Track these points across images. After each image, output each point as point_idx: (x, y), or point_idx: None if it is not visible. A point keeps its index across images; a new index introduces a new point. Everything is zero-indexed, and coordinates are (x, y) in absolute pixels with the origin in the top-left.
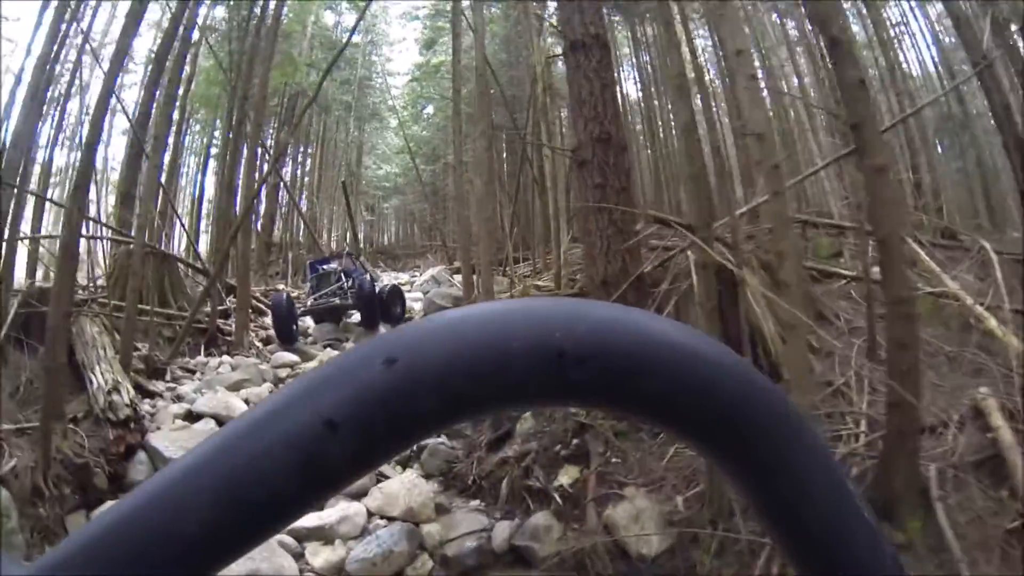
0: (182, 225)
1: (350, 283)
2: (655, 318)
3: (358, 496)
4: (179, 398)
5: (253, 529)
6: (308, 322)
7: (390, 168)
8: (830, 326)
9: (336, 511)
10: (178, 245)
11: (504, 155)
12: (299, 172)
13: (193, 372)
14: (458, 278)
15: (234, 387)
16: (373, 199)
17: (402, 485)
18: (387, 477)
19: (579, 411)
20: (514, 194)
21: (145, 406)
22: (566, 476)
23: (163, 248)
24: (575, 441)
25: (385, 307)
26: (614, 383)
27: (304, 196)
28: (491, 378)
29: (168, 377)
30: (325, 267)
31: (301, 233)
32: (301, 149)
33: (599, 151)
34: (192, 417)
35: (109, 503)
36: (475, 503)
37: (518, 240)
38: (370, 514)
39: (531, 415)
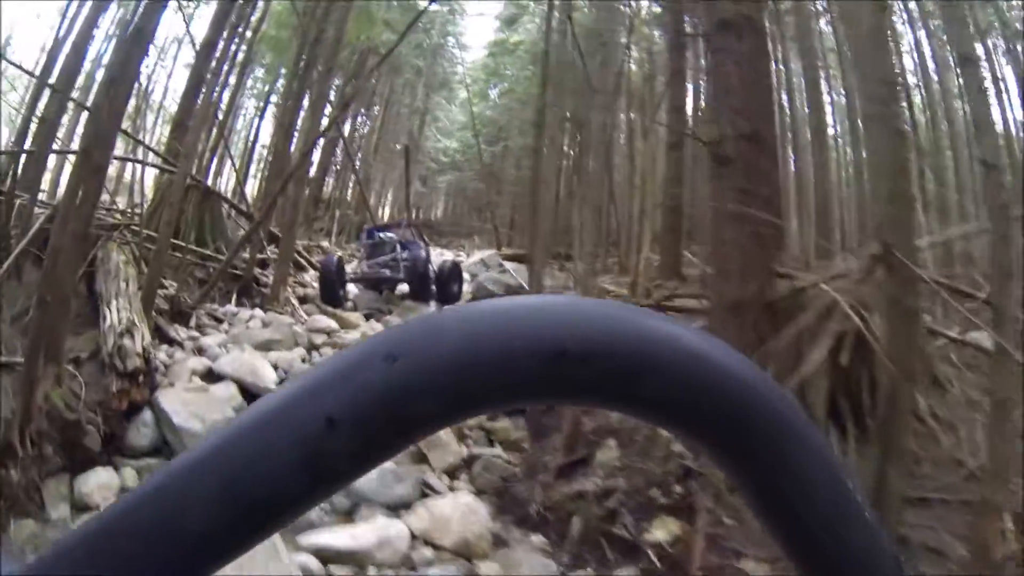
0: (232, 164)
1: (405, 255)
2: (658, 317)
3: (397, 508)
4: (200, 351)
5: (254, 527)
6: (351, 288)
7: (449, 143)
8: (945, 393)
9: (372, 530)
10: (225, 186)
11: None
12: (358, 132)
13: (220, 321)
14: (510, 265)
15: (263, 347)
16: (428, 171)
17: (455, 507)
18: (435, 491)
19: (684, 452)
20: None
21: (161, 354)
22: (663, 530)
23: (208, 184)
24: (677, 488)
25: (442, 284)
26: (617, 382)
27: (359, 156)
28: (493, 376)
29: (193, 323)
30: (382, 235)
31: (350, 194)
32: (363, 110)
33: (745, 150)
34: (212, 377)
35: (98, 470)
36: (537, 538)
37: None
38: (413, 536)
39: (617, 444)
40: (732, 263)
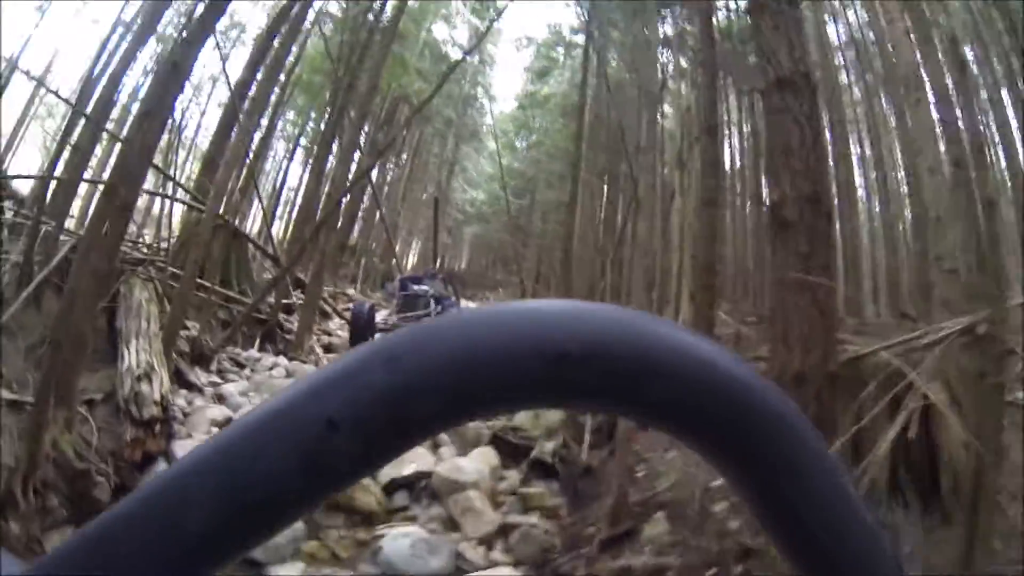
0: (260, 205)
1: (439, 310)
2: (658, 320)
3: None
4: (221, 398)
5: (255, 528)
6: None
7: (477, 194)
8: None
9: None
10: (252, 227)
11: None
12: (386, 179)
13: (243, 367)
14: None
15: None
16: (454, 222)
17: None
18: (472, 564)
19: (742, 529)
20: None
21: (180, 400)
22: None
23: (236, 226)
24: (737, 568)
25: None
26: (617, 385)
27: (387, 204)
28: (493, 379)
29: (214, 367)
30: (416, 288)
31: (373, 242)
32: (392, 158)
33: (807, 212)
34: None
35: None
36: None
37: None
38: None
39: (667, 518)
40: (794, 332)
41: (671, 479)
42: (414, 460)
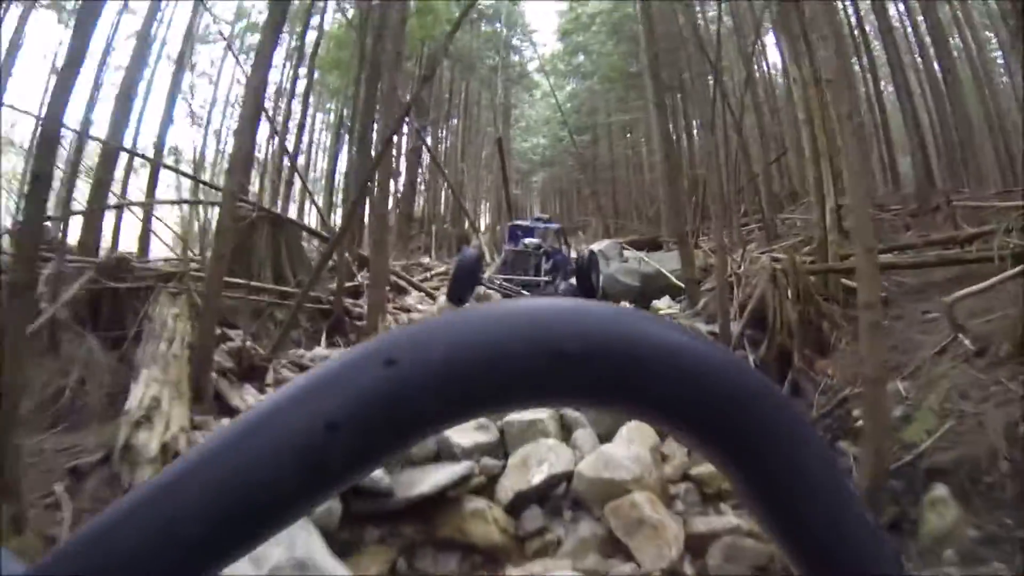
0: (308, 193)
1: (549, 267)
2: (656, 319)
3: None
4: None
5: (253, 530)
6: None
7: (536, 140)
8: None
9: None
10: (309, 218)
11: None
12: (444, 146)
13: (306, 370)
14: (633, 253)
15: None
16: (519, 173)
17: None
18: None
19: None
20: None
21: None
22: None
23: (279, 214)
24: None
25: (582, 277)
26: (616, 383)
27: (447, 167)
28: (492, 378)
29: (270, 378)
30: (527, 242)
31: (442, 207)
32: (444, 123)
33: None
34: None
35: None
36: None
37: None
38: None
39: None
40: None
41: (940, 421)
42: (543, 459)
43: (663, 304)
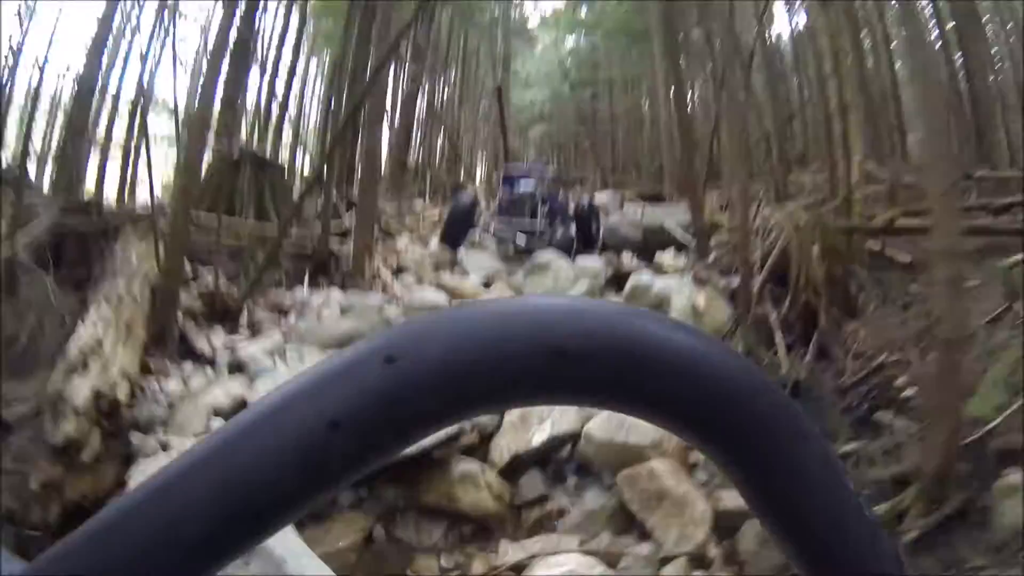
0: (300, 137)
1: (545, 211)
2: (655, 317)
3: None
4: (239, 367)
5: (253, 528)
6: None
7: (533, 95)
8: None
9: None
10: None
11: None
12: (442, 99)
13: (286, 313)
14: (634, 207)
15: (339, 343)
16: (516, 126)
17: None
18: None
19: None
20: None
21: (172, 384)
22: None
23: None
24: None
25: (581, 225)
26: (615, 381)
27: (443, 113)
28: (492, 376)
29: (244, 320)
30: (522, 187)
31: (438, 157)
32: (441, 72)
33: None
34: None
35: None
36: None
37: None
38: None
39: None
40: None
41: (1011, 396)
42: (545, 417)
43: (668, 257)
